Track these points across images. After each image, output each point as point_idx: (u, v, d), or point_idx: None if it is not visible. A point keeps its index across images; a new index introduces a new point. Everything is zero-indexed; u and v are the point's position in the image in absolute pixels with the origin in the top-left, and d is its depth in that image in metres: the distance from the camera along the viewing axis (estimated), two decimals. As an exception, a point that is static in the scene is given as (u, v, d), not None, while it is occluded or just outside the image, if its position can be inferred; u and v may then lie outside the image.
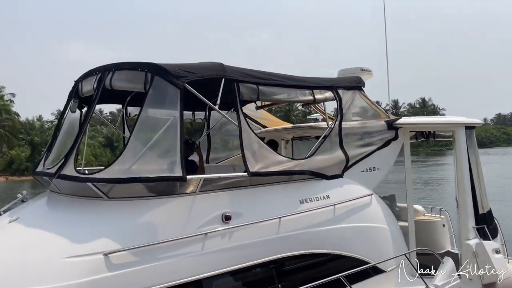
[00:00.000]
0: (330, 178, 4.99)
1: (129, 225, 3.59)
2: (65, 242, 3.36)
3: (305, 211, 4.48)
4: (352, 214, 4.94)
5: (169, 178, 3.69)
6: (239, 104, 4.33)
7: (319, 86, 5.20)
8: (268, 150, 4.48)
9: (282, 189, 4.58)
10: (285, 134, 7.90)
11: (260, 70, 4.74)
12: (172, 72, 3.93)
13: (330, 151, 5.07)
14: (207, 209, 3.91)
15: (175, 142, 3.79)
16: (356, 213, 4.98)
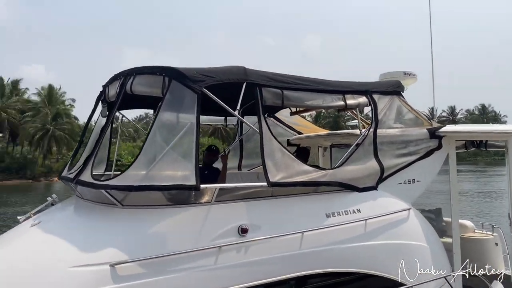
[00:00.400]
0: (362, 191, 4.61)
1: (139, 235, 3.45)
2: (74, 250, 3.27)
3: (332, 225, 4.14)
4: (385, 230, 4.53)
5: (181, 187, 3.52)
6: (260, 109, 4.09)
7: (352, 90, 4.84)
8: (292, 159, 4.19)
9: (306, 201, 4.27)
10: (322, 141, 7.56)
11: (287, 74, 4.47)
12: (189, 76, 3.77)
13: (362, 161, 4.69)
14: (222, 220, 3.70)
15: (191, 149, 3.61)
16: (391, 229, 4.56)
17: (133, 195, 3.60)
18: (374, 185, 4.75)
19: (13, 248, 3.58)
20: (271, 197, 4.13)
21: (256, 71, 4.24)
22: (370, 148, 4.78)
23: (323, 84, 4.64)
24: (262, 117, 4.08)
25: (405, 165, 5.00)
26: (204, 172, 5.01)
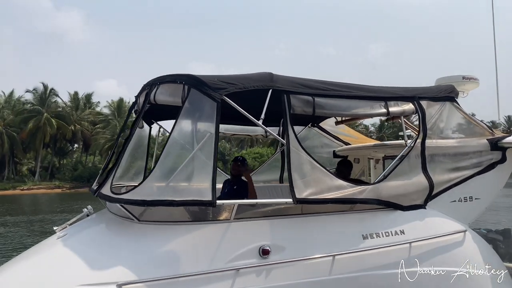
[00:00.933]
0: (407, 209, 4.09)
1: (152, 253, 3.23)
2: (84, 268, 3.11)
3: (369, 248, 3.67)
4: (435, 255, 3.97)
5: (196, 203, 3.24)
6: (288, 118, 3.73)
7: (395, 97, 4.33)
8: (324, 173, 3.77)
9: (340, 220, 3.83)
10: (373, 152, 7.00)
11: (320, 79, 4.09)
12: (209, 84, 3.51)
13: (408, 176, 4.17)
14: (241, 239, 3.38)
15: (208, 161, 3.34)
16: (441, 254, 3.98)
17: (150, 210, 3.40)
18: (422, 203, 4.20)
19: (31, 262, 3.50)
20: (300, 215, 3.75)
21: (284, 76, 3.91)
22: (418, 161, 4.24)
23: (362, 90, 4.19)
24: (289, 126, 3.72)
25: (460, 180, 4.40)
26: (233, 186, 4.73)
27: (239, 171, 4.78)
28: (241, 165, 4.82)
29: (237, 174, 4.81)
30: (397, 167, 4.14)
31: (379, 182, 4.02)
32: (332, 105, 4.03)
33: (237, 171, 4.77)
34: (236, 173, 4.81)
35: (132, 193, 3.34)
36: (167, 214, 3.47)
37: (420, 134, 4.30)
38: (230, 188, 4.78)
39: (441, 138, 4.43)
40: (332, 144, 7.07)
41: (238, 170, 4.76)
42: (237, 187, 4.67)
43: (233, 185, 4.73)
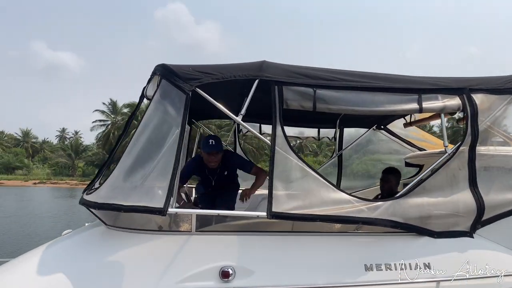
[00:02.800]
0: (441, 236, 3.07)
1: (98, 263, 2.89)
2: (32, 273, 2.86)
3: (370, 283, 2.81)
4: None
5: (145, 209, 2.81)
6: (277, 113, 3.04)
7: (435, 88, 3.31)
8: (319, 183, 2.99)
9: (337, 243, 3.02)
10: None
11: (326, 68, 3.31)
12: (179, 74, 3.06)
13: (445, 192, 3.14)
14: (200, 257, 2.84)
15: (168, 163, 2.89)
16: None
17: (113, 215, 3.08)
18: (467, 230, 3.12)
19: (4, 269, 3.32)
20: (285, 233, 3.07)
21: (277, 64, 3.24)
22: (462, 173, 3.17)
23: (384, 80, 3.28)
24: (277, 122, 3.04)
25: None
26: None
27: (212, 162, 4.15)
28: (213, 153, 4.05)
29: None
30: (429, 179, 3.14)
31: (399, 198, 3.09)
32: (339, 99, 3.20)
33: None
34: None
35: (93, 194, 3.06)
36: (132, 220, 3.10)
37: (468, 138, 3.21)
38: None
39: (501, 144, 3.27)
40: (404, 150, 5.96)
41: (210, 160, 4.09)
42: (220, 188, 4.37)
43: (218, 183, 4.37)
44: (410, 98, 3.26)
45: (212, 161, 4.03)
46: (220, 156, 4.05)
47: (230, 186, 4.40)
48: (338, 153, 6.06)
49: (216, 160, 4.03)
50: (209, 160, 4.04)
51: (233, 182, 4.49)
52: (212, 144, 3.97)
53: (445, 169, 3.17)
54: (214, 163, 4.05)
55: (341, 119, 5.75)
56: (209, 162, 4.06)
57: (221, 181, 4.28)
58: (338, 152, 6.07)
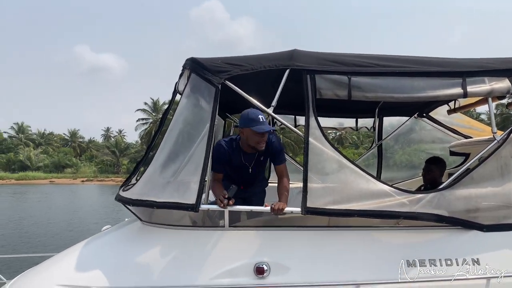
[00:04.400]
0: (491, 229, 2.85)
1: (133, 259, 2.89)
2: (73, 267, 2.96)
3: (413, 280, 2.65)
4: None
5: (177, 206, 2.78)
6: (310, 103, 2.91)
7: (479, 71, 3.06)
8: (357, 175, 2.84)
9: (377, 239, 2.87)
10: None
11: (359, 53, 3.15)
12: (208, 67, 3.00)
13: (494, 182, 2.91)
14: (234, 253, 2.78)
15: (199, 158, 2.84)
16: None
17: (151, 210, 3.08)
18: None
19: (50, 263, 3.44)
20: (327, 228, 2.95)
21: (308, 52, 3.11)
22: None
23: (424, 64, 3.07)
24: (311, 113, 2.91)
25: None
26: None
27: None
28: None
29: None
30: (477, 169, 2.92)
31: (444, 190, 2.89)
32: (376, 86, 3.02)
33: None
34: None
35: (129, 190, 3.08)
36: (167, 215, 3.09)
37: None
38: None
39: None
40: (448, 139, 5.65)
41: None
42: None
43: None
44: (453, 82, 3.03)
45: (262, 142, 3.21)
46: (267, 137, 3.28)
47: (261, 179, 3.79)
48: (377, 143, 5.83)
49: (265, 140, 3.23)
50: (259, 141, 3.20)
51: (263, 173, 3.82)
52: (264, 121, 3.14)
53: (495, 157, 2.93)
54: (263, 144, 3.23)
55: (380, 107, 5.52)
56: (257, 144, 3.21)
57: (258, 168, 3.56)
58: (378, 142, 5.83)
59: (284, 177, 3.33)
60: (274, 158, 3.42)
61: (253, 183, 3.68)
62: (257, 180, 3.72)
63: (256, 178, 3.65)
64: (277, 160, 3.40)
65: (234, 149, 3.41)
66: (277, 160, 3.40)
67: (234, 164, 3.44)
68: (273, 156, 3.42)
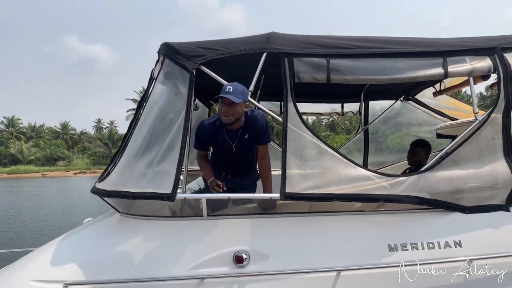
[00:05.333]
0: (473, 211, 2.82)
1: (109, 251, 2.82)
2: (49, 262, 2.88)
3: (395, 265, 2.61)
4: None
5: (153, 196, 2.70)
6: (289, 88, 2.84)
7: (461, 50, 3.00)
8: (337, 160, 2.79)
9: (357, 224, 2.83)
10: None
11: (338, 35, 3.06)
12: (182, 52, 2.90)
13: (477, 163, 2.87)
14: (213, 242, 2.72)
15: (175, 147, 2.76)
16: None
17: (129, 202, 3.00)
18: (503, 203, 2.86)
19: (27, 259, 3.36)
20: (307, 214, 2.89)
21: (286, 35, 3.02)
22: (496, 141, 2.89)
23: (405, 44, 2.99)
24: (289, 98, 2.84)
25: None
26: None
27: None
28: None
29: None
30: (458, 150, 2.88)
31: (425, 172, 2.84)
32: (356, 68, 2.95)
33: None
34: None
35: (104, 182, 3.00)
36: (149, 206, 3.02)
37: (501, 103, 2.90)
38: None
39: None
40: (435, 121, 5.61)
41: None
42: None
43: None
44: (434, 62, 2.97)
45: (225, 113, 3.05)
46: (237, 110, 3.06)
47: (250, 170, 3.56)
48: (364, 128, 5.78)
49: (231, 112, 3.05)
50: (223, 111, 3.06)
51: (252, 162, 3.56)
52: (229, 91, 2.95)
53: (476, 138, 2.89)
54: (228, 116, 3.07)
55: (366, 91, 5.46)
56: (222, 114, 3.09)
57: (242, 147, 3.34)
58: (364, 126, 5.78)
59: (263, 159, 3.30)
60: (257, 136, 3.27)
61: (241, 171, 3.51)
62: (245, 168, 3.53)
63: (242, 162, 3.47)
64: (261, 139, 3.28)
65: (217, 126, 3.29)
66: (261, 139, 3.28)
67: (218, 143, 3.33)
68: (257, 135, 3.27)
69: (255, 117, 3.23)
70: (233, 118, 3.10)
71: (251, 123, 3.24)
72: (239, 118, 3.15)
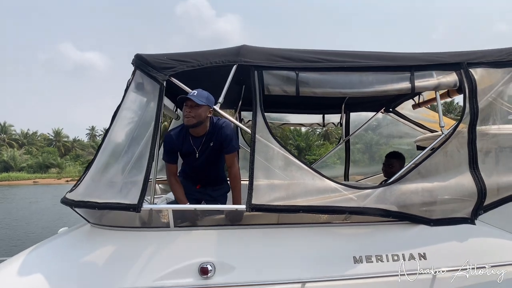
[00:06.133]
0: (438, 224, 2.85)
1: (79, 263, 2.81)
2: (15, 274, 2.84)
3: (359, 276, 2.63)
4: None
5: (119, 206, 2.70)
6: (258, 100, 2.87)
7: (428, 65, 3.05)
8: (304, 172, 2.81)
9: (324, 236, 2.84)
10: None
11: (309, 49, 3.11)
12: (153, 63, 2.93)
13: (442, 176, 2.90)
14: (179, 253, 2.72)
15: (144, 158, 2.77)
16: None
17: (99, 212, 3.00)
18: (468, 216, 2.89)
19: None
20: (272, 225, 2.90)
21: (255, 48, 3.06)
22: (461, 154, 2.93)
23: (373, 59, 3.04)
24: (258, 109, 2.86)
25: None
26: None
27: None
28: None
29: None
30: (424, 163, 2.91)
31: (391, 185, 2.87)
32: (324, 81, 2.99)
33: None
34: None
35: (73, 192, 2.99)
36: (119, 217, 3.01)
37: (466, 117, 2.95)
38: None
39: (504, 123, 2.99)
40: (415, 133, 5.67)
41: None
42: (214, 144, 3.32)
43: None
44: (401, 76, 3.02)
45: (187, 114, 3.10)
46: (199, 113, 3.10)
47: (220, 180, 3.57)
48: (345, 139, 5.82)
49: (193, 114, 3.09)
50: (184, 112, 3.14)
51: (221, 173, 3.57)
52: (193, 94, 3.04)
53: (442, 151, 2.93)
54: (189, 118, 3.10)
55: (346, 103, 5.52)
56: (184, 116, 3.15)
57: (207, 154, 3.35)
58: (345, 138, 5.82)
59: (231, 168, 3.29)
60: (222, 145, 3.29)
61: (210, 181, 3.54)
62: (214, 179, 3.55)
63: (209, 171, 3.47)
64: (225, 148, 3.29)
65: (183, 134, 3.32)
66: (225, 148, 3.29)
67: (184, 150, 3.35)
68: (221, 144, 3.29)
69: (220, 126, 3.28)
70: (194, 120, 3.13)
71: (216, 131, 3.28)
72: (202, 122, 3.20)
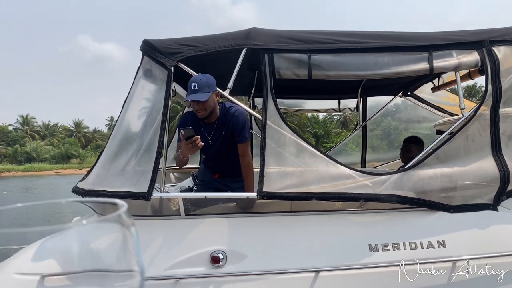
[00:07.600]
0: (458, 210, 2.72)
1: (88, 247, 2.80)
2: (30, 257, 2.88)
3: (375, 265, 2.54)
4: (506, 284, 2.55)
5: (129, 195, 2.67)
6: (268, 84, 2.78)
7: (448, 44, 2.89)
8: (318, 158, 2.71)
9: (339, 223, 2.75)
10: None
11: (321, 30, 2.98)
12: (161, 49, 2.87)
13: (463, 161, 2.77)
14: (189, 242, 2.68)
15: (153, 145, 2.73)
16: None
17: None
18: (490, 202, 2.75)
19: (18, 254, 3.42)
20: (288, 213, 2.83)
21: (267, 30, 2.96)
22: (483, 138, 2.79)
23: (387, 39, 2.90)
24: (269, 95, 2.78)
25: None
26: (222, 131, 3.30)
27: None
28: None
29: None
30: (443, 147, 2.78)
31: (409, 170, 2.76)
32: (338, 64, 2.87)
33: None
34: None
35: (83, 181, 2.98)
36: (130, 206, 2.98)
37: (489, 98, 2.80)
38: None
39: None
40: (434, 117, 5.49)
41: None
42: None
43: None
44: (419, 56, 2.87)
45: (198, 110, 3.08)
46: (208, 104, 3.05)
47: (237, 167, 3.33)
48: (362, 124, 5.67)
49: (203, 108, 3.05)
50: (194, 108, 3.12)
51: (234, 154, 3.33)
52: (194, 89, 2.95)
53: (463, 134, 2.79)
54: (201, 112, 3.09)
55: (363, 87, 5.36)
56: (196, 112, 3.13)
57: (220, 143, 3.28)
58: (362, 123, 5.68)
59: (243, 157, 3.23)
60: (233, 134, 3.23)
61: (229, 171, 3.45)
62: (232, 169, 3.41)
63: (224, 159, 3.40)
64: (237, 137, 3.22)
65: (197, 118, 3.25)
66: (237, 137, 3.22)
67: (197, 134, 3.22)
68: (232, 132, 3.23)
69: (232, 114, 3.19)
70: (207, 112, 3.11)
71: (228, 119, 3.21)
72: (214, 109, 3.15)
